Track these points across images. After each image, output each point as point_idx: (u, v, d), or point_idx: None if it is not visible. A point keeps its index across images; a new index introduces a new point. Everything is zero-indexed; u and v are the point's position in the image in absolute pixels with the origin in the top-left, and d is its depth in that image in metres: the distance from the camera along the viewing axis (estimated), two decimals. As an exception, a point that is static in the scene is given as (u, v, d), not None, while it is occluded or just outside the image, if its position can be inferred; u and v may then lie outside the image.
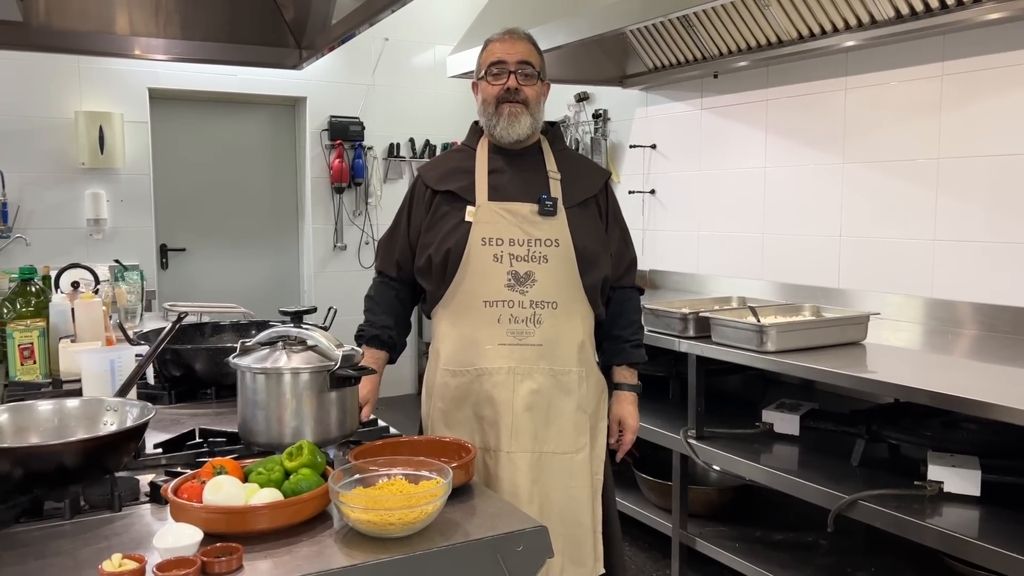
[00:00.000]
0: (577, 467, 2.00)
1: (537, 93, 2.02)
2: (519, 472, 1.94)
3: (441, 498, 1.31)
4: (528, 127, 2.00)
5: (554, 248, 1.96)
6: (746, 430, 2.97)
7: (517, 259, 1.95)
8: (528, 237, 1.96)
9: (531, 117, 2.00)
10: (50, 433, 1.56)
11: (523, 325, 1.94)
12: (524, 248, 1.95)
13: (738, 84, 4.07)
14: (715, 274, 4.25)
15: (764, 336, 2.67)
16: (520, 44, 2.01)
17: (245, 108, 5.70)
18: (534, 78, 2.01)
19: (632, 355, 2.12)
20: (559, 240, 1.97)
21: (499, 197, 1.99)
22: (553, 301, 1.96)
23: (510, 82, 1.98)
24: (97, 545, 1.27)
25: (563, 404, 1.98)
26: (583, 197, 2.04)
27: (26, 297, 2.58)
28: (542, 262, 1.95)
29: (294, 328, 1.69)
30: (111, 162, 4.92)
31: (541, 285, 1.95)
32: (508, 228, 1.96)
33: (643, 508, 3.36)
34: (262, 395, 1.62)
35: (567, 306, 1.98)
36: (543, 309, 1.95)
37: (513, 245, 1.95)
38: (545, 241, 1.96)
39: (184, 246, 5.58)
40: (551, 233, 1.97)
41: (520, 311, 1.94)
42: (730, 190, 4.17)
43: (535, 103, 2.01)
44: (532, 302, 1.94)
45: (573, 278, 1.99)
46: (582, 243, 1.99)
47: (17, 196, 4.75)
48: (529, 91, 1.99)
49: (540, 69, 2.03)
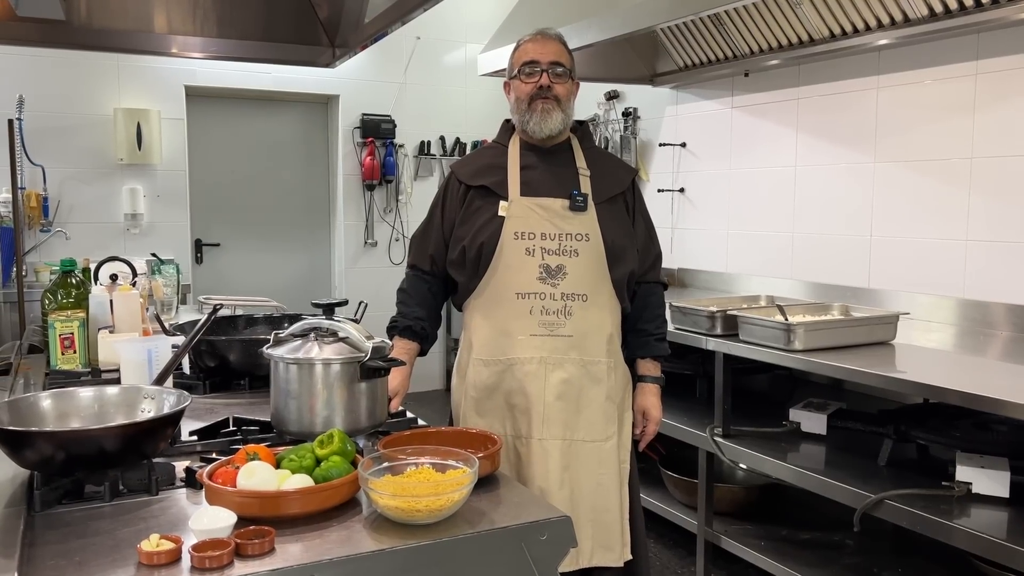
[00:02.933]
0: (606, 455, 2.05)
1: (568, 91, 2.08)
2: (551, 459, 2.00)
3: (467, 486, 1.34)
4: (560, 122, 2.05)
5: (584, 242, 2.02)
6: (773, 429, 2.97)
7: (548, 253, 2.01)
8: (559, 231, 2.02)
9: (562, 113, 2.05)
10: (91, 419, 1.61)
11: (554, 317, 2.00)
12: (555, 242, 2.01)
13: (769, 83, 4.06)
14: (744, 273, 4.24)
15: (792, 335, 2.66)
16: (552, 44, 2.07)
17: (279, 105, 5.78)
18: (565, 76, 2.06)
19: (656, 348, 2.16)
20: (589, 235, 2.03)
21: (531, 192, 2.05)
22: (583, 294, 2.02)
23: (542, 80, 2.03)
24: (135, 527, 1.31)
25: (593, 393, 2.04)
26: (612, 193, 2.09)
27: (67, 289, 2.65)
28: (573, 256, 2.01)
29: (326, 320, 1.73)
30: (148, 158, 5.02)
31: (572, 278, 2.01)
32: (540, 222, 2.02)
33: (669, 505, 3.37)
34: (294, 385, 1.66)
35: (596, 299, 2.04)
36: (573, 301, 2.01)
37: (545, 239, 2.01)
38: (576, 235, 2.02)
39: (218, 241, 5.67)
40: (582, 228, 2.03)
41: (552, 303, 2.00)
42: (760, 189, 4.16)
43: (566, 100, 2.07)
44: (563, 294, 2.00)
45: (602, 272, 2.04)
46: (611, 238, 2.04)
47: (58, 191, 4.87)
48: (560, 89, 2.04)
49: (571, 68, 2.09)
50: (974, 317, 3.11)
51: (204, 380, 2.21)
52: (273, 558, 1.18)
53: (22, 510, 1.35)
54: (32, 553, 1.20)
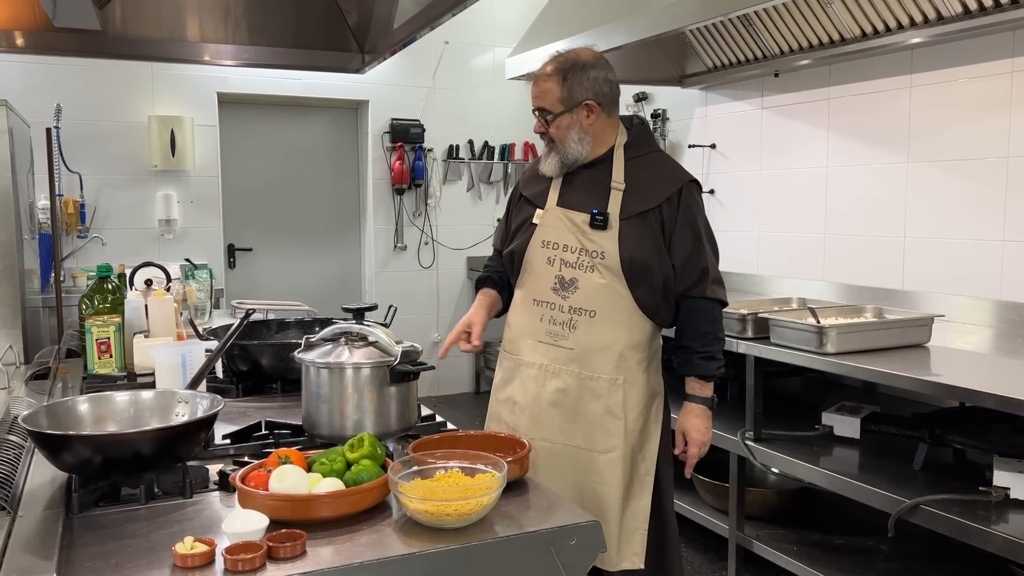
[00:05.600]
0: (604, 465, 2.06)
1: (563, 129, 2.06)
2: (539, 458, 2.05)
3: (496, 491, 1.34)
4: (556, 164, 2.09)
5: (599, 260, 2.03)
6: (805, 433, 2.94)
7: (566, 265, 2.05)
8: (580, 246, 2.05)
9: (558, 155, 2.08)
10: (126, 422, 1.63)
11: (559, 328, 2.06)
12: (575, 255, 2.04)
13: (799, 83, 4.02)
14: (776, 275, 4.20)
15: (824, 337, 2.63)
16: (538, 86, 2.09)
17: (309, 111, 5.84)
18: (553, 119, 2.05)
19: (699, 367, 2.06)
20: (605, 253, 2.02)
21: (565, 204, 2.09)
22: (592, 310, 2.03)
23: (536, 127, 2.11)
24: (170, 529, 1.33)
25: (591, 406, 2.06)
26: (643, 208, 2.03)
27: (103, 294, 2.70)
28: (588, 271, 2.03)
29: (356, 324, 1.75)
30: (182, 164, 5.09)
31: (582, 293, 2.03)
32: (566, 234, 2.06)
33: (700, 509, 3.34)
34: (325, 389, 1.68)
35: (609, 316, 2.03)
36: (580, 316, 2.04)
37: (567, 251, 2.05)
38: (592, 252, 2.03)
39: (251, 246, 5.74)
40: (599, 245, 2.03)
41: (559, 314, 2.06)
42: (791, 190, 4.12)
43: (562, 140, 2.06)
44: (571, 307, 2.05)
45: (619, 291, 2.03)
46: (630, 255, 2.01)
47: (94, 197, 4.96)
48: (553, 131, 2.07)
49: (563, 101, 2.04)
50: (1011, 319, 3.06)
51: (237, 384, 2.24)
52: (304, 561, 1.19)
53: (60, 512, 1.38)
54: (70, 555, 1.23)
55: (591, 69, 2.04)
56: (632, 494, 2.08)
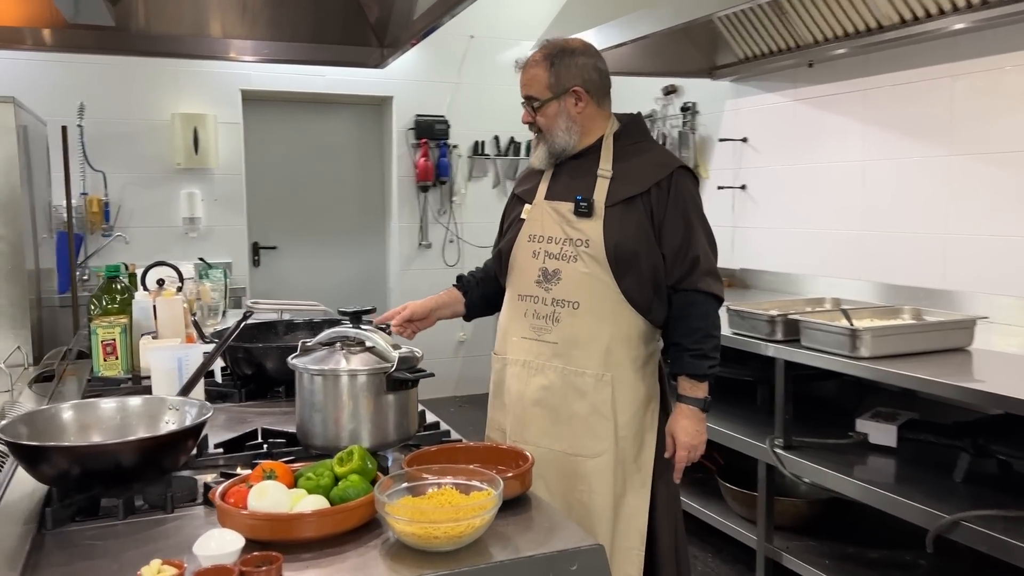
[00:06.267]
0: (591, 472, 1.94)
1: (550, 118, 2.00)
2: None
3: (490, 511, 1.24)
4: (543, 155, 2.04)
5: (583, 248, 1.95)
6: (838, 440, 2.80)
7: (550, 256, 1.99)
8: (565, 236, 1.98)
9: (546, 144, 2.03)
10: (112, 431, 1.56)
11: (542, 321, 1.99)
12: (558, 246, 1.99)
13: (834, 73, 3.86)
14: (809, 274, 4.04)
15: (857, 341, 2.49)
16: (525, 73, 2.04)
17: (334, 108, 5.78)
18: (540, 106, 2.00)
19: (690, 365, 1.93)
20: (589, 240, 1.94)
21: (551, 196, 2.04)
22: (575, 301, 1.95)
23: (524, 116, 2.05)
24: (145, 547, 1.25)
25: (575, 405, 1.96)
26: (629, 195, 1.94)
27: (111, 294, 2.64)
28: (571, 261, 1.96)
29: (352, 329, 1.66)
30: (205, 162, 5.06)
31: (565, 284, 1.96)
32: (551, 226, 2.01)
33: (727, 518, 3.21)
34: (319, 397, 1.60)
35: (594, 307, 1.94)
36: (563, 308, 1.96)
37: (551, 243, 2.00)
38: (576, 241, 1.96)
39: (275, 244, 5.70)
40: (584, 233, 1.96)
41: (542, 307, 1.99)
42: (826, 185, 3.96)
43: (549, 128, 2.01)
44: (554, 299, 1.97)
45: (604, 280, 1.94)
46: (615, 242, 1.92)
47: (119, 196, 4.95)
48: (540, 119, 2.01)
49: (550, 87, 1.98)
50: (1061, 321, 2.88)
51: (240, 388, 2.17)
52: (278, 588, 1.11)
53: (34, 528, 1.31)
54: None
55: (579, 56, 1.99)
56: (625, 507, 1.96)
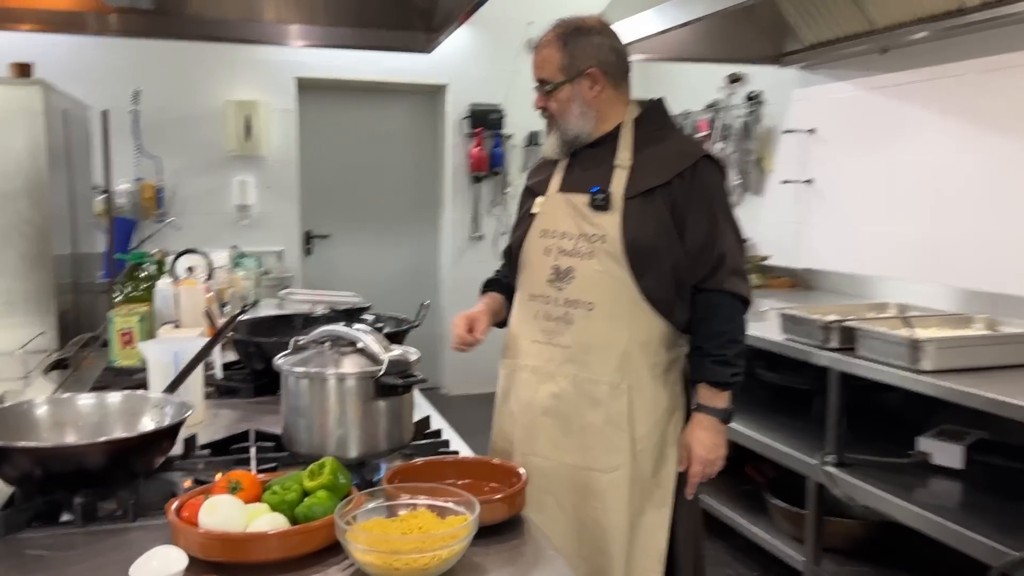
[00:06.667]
0: (606, 488, 1.79)
1: (563, 103, 1.84)
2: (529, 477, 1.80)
3: (461, 541, 1.11)
4: (556, 144, 1.89)
5: (599, 244, 1.79)
6: (897, 459, 2.56)
7: (563, 253, 1.84)
8: (579, 231, 1.82)
9: (558, 131, 1.88)
10: (88, 430, 1.49)
11: (554, 323, 1.84)
12: (572, 242, 1.83)
13: (912, 60, 3.57)
14: (877, 276, 3.76)
15: (919, 352, 2.26)
16: (538, 55, 1.89)
17: (388, 96, 5.71)
18: (552, 90, 1.85)
19: (711, 372, 1.78)
20: (606, 235, 1.79)
21: (566, 188, 1.89)
22: (589, 302, 1.79)
23: (536, 101, 1.89)
24: (91, 561, 1.16)
25: (589, 416, 1.80)
26: (649, 186, 1.79)
27: (136, 282, 2.60)
28: (586, 258, 1.81)
29: (343, 327, 1.54)
30: (256, 150, 5.05)
31: (578, 283, 1.81)
32: (565, 220, 1.85)
33: (773, 536, 3.00)
34: (304, 400, 1.48)
35: (609, 309, 1.79)
36: (576, 309, 1.81)
37: (564, 238, 1.84)
38: (592, 236, 1.80)
39: (328, 233, 5.67)
40: (600, 228, 1.80)
41: (553, 308, 1.84)
42: (899, 181, 3.67)
43: (562, 114, 1.86)
44: (567, 300, 1.82)
45: (621, 279, 1.78)
46: (633, 237, 1.76)
47: (172, 182, 4.97)
48: (553, 104, 1.86)
49: (564, 69, 1.83)
50: None
51: (252, 383, 2.09)
52: (212, 620, 0.99)
53: (-14, 534, 1.23)
54: (-40, 591, 1.07)
55: (595, 35, 1.84)
56: (643, 527, 1.80)
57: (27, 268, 2.60)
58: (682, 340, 1.87)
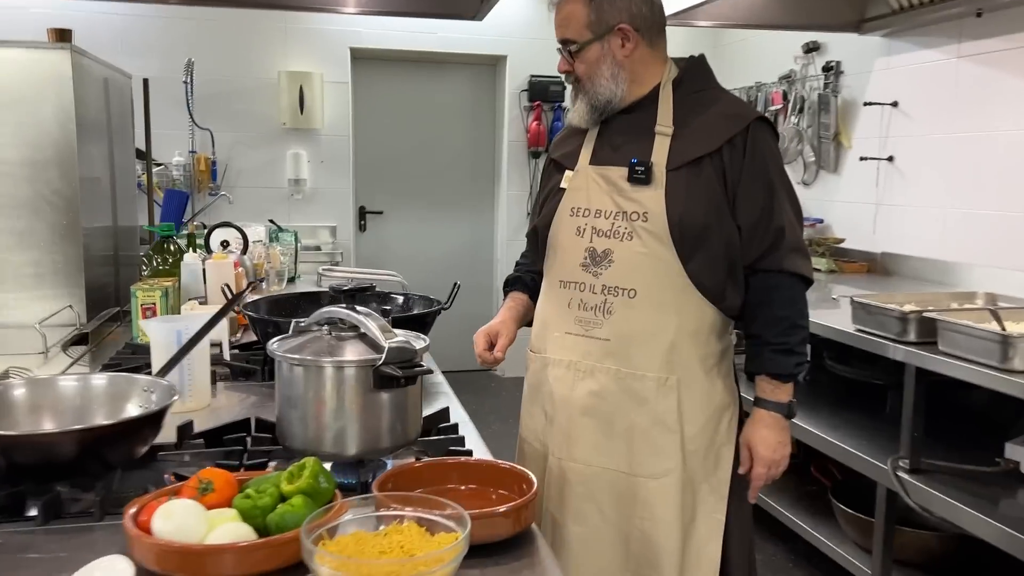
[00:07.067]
0: (655, 495, 1.62)
1: (591, 64, 1.63)
2: (568, 484, 1.66)
3: (448, 564, 0.94)
4: (584, 111, 1.67)
5: (640, 223, 1.60)
6: (980, 467, 2.30)
7: (599, 234, 1.64)
8: (617, 209, 1.62)
9: (586, 97, 1.66)
10: (68, 415, 1.37)
11: (591, 314, 1.64)
12: (609, 221, 1.63)
13: (1008, 24, 3.22)
14: (964, 262, 3.45)
15: (1009, 349, 2.00)
16: (560, 12, 1.67)
17: (445, 67, 5.55)
18: (579, 50, 1.64)
19: (772, 363, 1.60)
20: (648, 213, 1.59)
21: (598, 161, 1.69)
22: (631, 289, 1.60)
23: (560, 64, 1.69)
24: (42, 567, 1.04)
25: (634, 415, 1.62)
26: (695, 155, 1.59)
27: (163, 255, 2.51)
28: (625, 239, 1.61)
29: (344, 309, 1.39)
30: (310, 123, 4.95)
31: (617, 267, 1.61)
32: (599, 197, 1.65)
33: (838, 544, 2.76)
34: (297, 390, 1.33)
35: (654, 296, 1.59)
36: (616, 297, 1.61)
37: (599, 217, 1.64)
38: (631, 215, 1.60)
39: (381, 208, 5.56)
40: (640, 205, 1.60)
41: (590, 296, 1.64)
42: (990, 158, 3.34)
43: (591, 77, 1.65)
44: (604, 287, 1.62)
45: (666, 262, 1.59)
46: (679, 214, 1.57)
47: (226, 155, 4.92)
48: (579, 67, 1.65)
49: (590, 26, 1.62)
50: None
51: (264, 366, 1.97)
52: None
53: (-61, 529, 1.12)
54: None
55: None
56: (695, 536, 1.62)
57: (57, 240, 2.52)
58: (731, 327, 1.69)
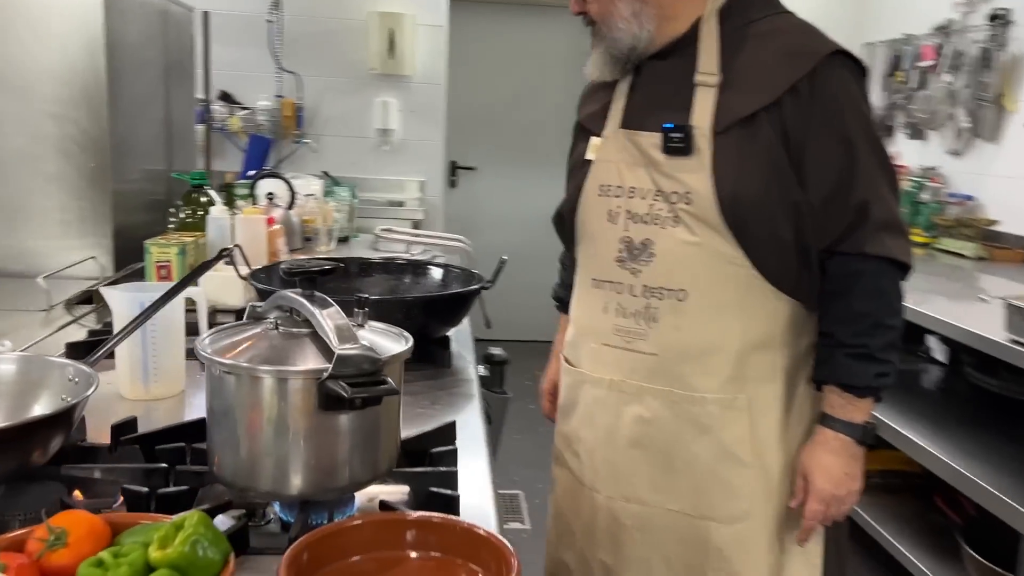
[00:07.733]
0: (730, 544, 1.28)
1: (606, 1, 1.28)
2: (624, 530, 1.32)
3: None
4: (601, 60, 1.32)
5: (683, 205, 1.22)
6: None
7: (636, 219, 1.27)
8: (654, 186, 1.25)
9: (603, 42, 1.31)
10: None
11: (631, 321, 1.29)
12: (646, 202, 1.26)
13: None
14: None
15: None
16: None
17: (549, 14, 5.09)
18: None
19: (844, 370, 1.23)
20: (691, 194, 1.22)
21: (630, 123, 1.32)
22: (679, 289, 1.25)
23: (572, 4, 1.35)
24: None
25: (695, 446, 1.28)
26: (749, 110, 1.21)
27: (193, 207, 2.25)
28: (668, 225, 1.24)
29: (298, 296, 1.06)
30: (400, 68, 4.63)
31: (660, 262, 1.26)
32: (631, 170, 1.29)
33: (965, 597, 2.27)
34: (227, 403, 1.01)
35: (710, 295, 1.24)
36: (661, 299, 1.26)
37: (634, 196, 1.27)
38: (671, 194, 1.23)
39: (474, 164, 5.24)
40: (680, 183, 1.24)
41: (629, 300, 1.29)
42: None
43: (606, 17, 1.29)
44: (646, 288, 1.27)
45: (722, 253, 1.23)
46: (730, 192, 1.19)
47: (314, 100, 4.68)
48: (591, 6, 1.32)
49: None
50: None
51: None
52: None
53: None
54: None
55: None
56: None
57: (85, 185, 2.31)
58: (812, 318, 1.30)
